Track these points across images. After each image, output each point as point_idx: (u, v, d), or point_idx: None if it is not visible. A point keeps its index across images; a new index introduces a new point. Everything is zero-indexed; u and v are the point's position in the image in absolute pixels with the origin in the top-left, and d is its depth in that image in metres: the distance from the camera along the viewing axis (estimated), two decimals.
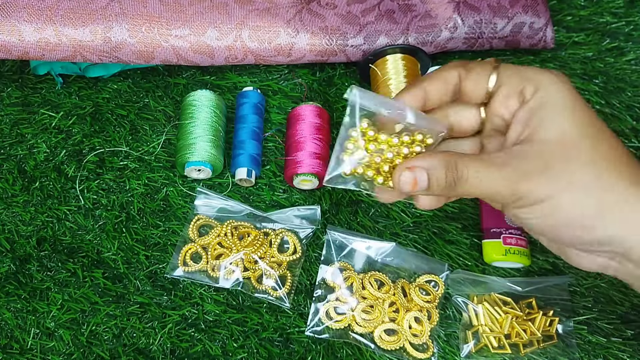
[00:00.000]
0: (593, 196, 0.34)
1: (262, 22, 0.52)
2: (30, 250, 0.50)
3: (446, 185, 0.36)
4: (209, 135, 0.51)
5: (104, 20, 0.50)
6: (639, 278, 0.37)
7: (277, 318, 0.48)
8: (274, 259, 0.49)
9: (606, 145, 0.35)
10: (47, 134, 0.54)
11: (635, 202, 0.34)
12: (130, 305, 0.48)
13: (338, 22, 0.53)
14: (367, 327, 0.47)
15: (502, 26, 0.55)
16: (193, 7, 0.52)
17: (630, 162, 0.35)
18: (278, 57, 0.54)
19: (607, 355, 0.48)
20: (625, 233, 0.35)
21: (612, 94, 0.58)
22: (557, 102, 0.35)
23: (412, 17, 0.54)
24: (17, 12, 0.50)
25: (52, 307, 0.48)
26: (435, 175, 0.36)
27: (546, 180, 0.34)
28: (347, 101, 0.36)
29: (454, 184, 0.35)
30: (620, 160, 0.35)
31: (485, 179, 0.35)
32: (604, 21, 0.62)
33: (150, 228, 0.51)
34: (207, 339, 0.47)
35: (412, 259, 0.50)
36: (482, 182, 0.35)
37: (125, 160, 0.54)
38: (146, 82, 0.57)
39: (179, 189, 0.53)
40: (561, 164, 0.34)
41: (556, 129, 0.35)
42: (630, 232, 0.35)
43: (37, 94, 0.56)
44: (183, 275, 0.49)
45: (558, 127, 0.35)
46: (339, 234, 0.50)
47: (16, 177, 0.53)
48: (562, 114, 0.35)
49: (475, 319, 0.48)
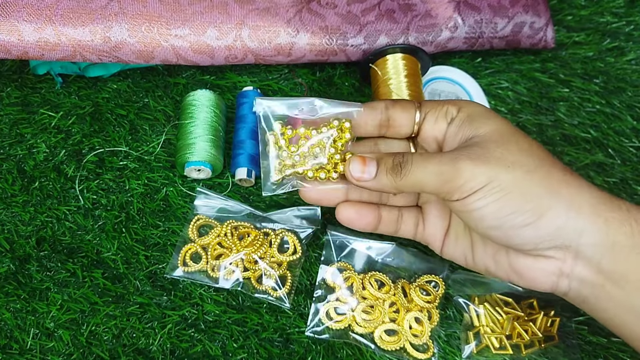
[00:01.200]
0: (536, 177, 0.36)
1: (262, 21, 0.52)
2: (30, 250, 0.50)
3: (393, 168, 0.38)
4: (208, 135, 0.51)
5: (104, 20, 0.50)
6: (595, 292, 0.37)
7: (277, 318, 0.48)
8: (274, 259, 0.49)
9: (534, 142, 0.38)
10: (47, 134, 0.54)
11: (578, 186, 0.36)
12: (130, 305, 0.48)
13: (338, 21, 0.53)
14: (368, 327, 0.47)
15: (503, 26, 0.55)
16: (193, 6, 0.52)
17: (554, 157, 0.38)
18: (278, 56, 0.54)
19: (608, 355, 0.47)
20: (575, 216, 0.35)
21: (613, 93, 0.58)
22: (480, 112, 0.39)
23: (413, 17, 0.54)
24: (17, 12, 0.49)
25: (52, 308, 0.48)
26: (383, 162, 0.39)
27: (488, 162, 0.36)
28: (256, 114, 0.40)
29: (400, 168, 0.38)
30: (548, 153, 0.38)
31: (429, 162, 0.37)
32: (605, 21, 0.62)
33: (150, 228, 0.51)
34: (207, 339, 0.47)
35: (413, 259, 0.50)
36: (427, 166, 0.37)
37: (125, 160, 0.54)
38: (146, 82, 0.57)
39: (179, 189, 0.53)
40: (501, 150, 0.36)
41: (488, 126, 0.38)
42: (580, 215, 0.35)
43: (36, 93, 0.56)
44: (183, 276, 0.49)
45: (490, 125, 0.38)
46: (339, 234, 0.50)
47: (15, 177, 0.53)
48: (488, 118, 0.39)
49: (476, 320, 0.48)
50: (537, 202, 0.35)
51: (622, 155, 0.56)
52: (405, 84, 0.51)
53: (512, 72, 0.59)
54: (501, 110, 0.57)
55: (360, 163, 0.39)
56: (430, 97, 0.56)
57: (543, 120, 0.57)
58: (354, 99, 0.57)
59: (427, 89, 0.57)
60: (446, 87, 0.57)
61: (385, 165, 0.39)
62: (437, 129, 0.41)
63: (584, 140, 0.56)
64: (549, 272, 0.38)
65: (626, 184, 0.55)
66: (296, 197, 0.53)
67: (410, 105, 0.42)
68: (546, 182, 0.36)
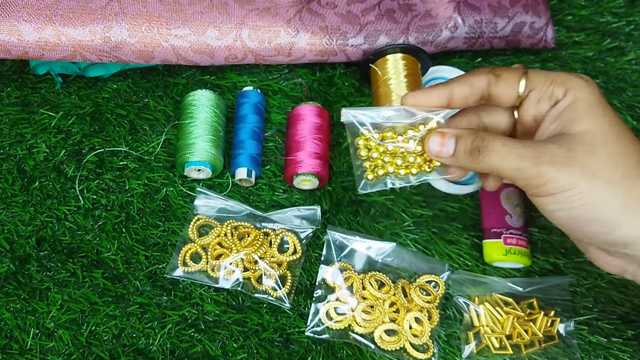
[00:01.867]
0: (618, 191, 0.35)
1: (262, 21, 0.52)
2: (30, 250, 0.50)
3: (471, 151, 0.37)
4: (208, 135, 0.51)
5: (104, 20, 0.50)
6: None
7: (277, 318, 0.48)
8: (274, 259, 0.49)
9: (632, 146, 0.36)
10: (47, 134, 0.54)
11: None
12: (130, 305, 0.48)
13: (338, 21, 0.53)
14: (368, 327, 0.47)
15: (503, 26, 0.55)
16: (193, 6, 0.52)
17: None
18: (278, 56, 0.54)
19: (608, 355, 0.47)
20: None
21: (613, 93, 0.58)
22: (586, 102, 0.37)
23: (413, 17, 0.54)
24: (17, 12, 0.49)
25: (52, 308, 0.48)
26: (462, 141, 0.38)
27: (571, 168, 0.35)
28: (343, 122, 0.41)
29: (477, 153, 0.37)
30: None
31: (510, 153, 0.36)
32: (605, 21, 0.62)
33: (150, 228, 0.51)
34: (207, 339, 0.47)
35: (413, 259, 0.50)
36: (507, 156, 0.36)
37: (125, 160, 0.54)
38: (146, 82, 0.57)
39: (179, 189, 0.52)
40: (588, 156, 0.35)
41: (585, 125, 0.36)
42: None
43: (36, 93, 0.56)
44: (183, 276, 0.49)
45: (587, 124, 0.36)
46: (339, 234, 0.50)
47: (16, 177, 0.53)
48: (590, 113, 0.37)
49: (476, 320, 0.48)
50: (611, 216, 0.35)
51: None
52: (405, 84, 0.51)
53: None
54: None
55: (440, 137, 0.39)
56: None
57: None
58: (354, 99, 0.57)
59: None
60: None
61: (464, 146, 0.38)
62: (538, 109, 0.39)
63: None
64: (614, 265, 0.39)
65: None
66: (296, 198, 0.53)
67: (514, 80, 0.39)
68: (625, 197, 0.35)
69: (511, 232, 0.50)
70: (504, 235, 0.49)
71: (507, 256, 0.49)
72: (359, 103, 0.56)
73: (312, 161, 0.50)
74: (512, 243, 0.49)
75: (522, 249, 0.49)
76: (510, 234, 0.50)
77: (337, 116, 0.56)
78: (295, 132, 0.52)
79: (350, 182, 0.53)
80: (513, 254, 0.49)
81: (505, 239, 0.49)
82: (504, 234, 0.50)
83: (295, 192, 0.53)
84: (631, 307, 0.49)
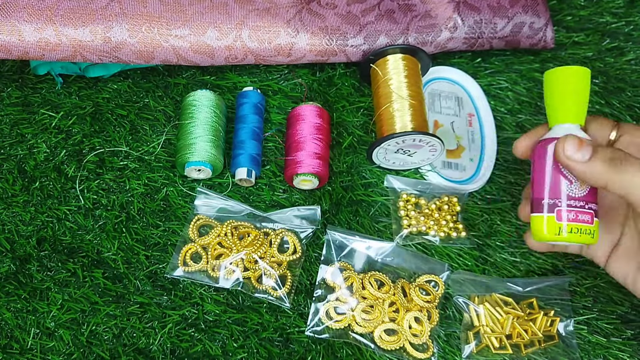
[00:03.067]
0: None
1: (262, 22, 0.52)
2: (30, 250, 0.50)
3: (612, 159, 0.37)
4: (209, 135, 0.51)
5: (104, 20, 0.50)
6: None
7: (277, 318, 0.48)
8: (274, 259, 0.49)
9: None
10: (47, 134, 0.54)
11: None
12: (130, 305, 0.48)
13: (338, 22, 0.53)
14: (367, 327, 0.47)
15: (502, 26, 0.55)
16: (193, 7, 0.52)
17: None
18: (278, 57, 0.54)
19: (607, 355, 0.47)
20: None
21: (612, 94, 0.58)
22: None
23: (412, 17, 0.54)
24: (17, 12, 0.50)
25: (52, 307, 0.48)
26: (601, 150, 0.38)
27: None
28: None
29: (619, 163, 0.37)
30: None
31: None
32: (604, 21, 0.62)
33: (150, 228, 0.51)
34: (207, 339, 0.47)
35: (412, 259, 0.50)
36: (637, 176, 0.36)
37: (125, 160, 0.54)
38: (146, 82, 0.57)
39: (179, 189, 0.53)
40: None
41: None
42: None
43: (37, 94, 0.56)
44: (183, 275, 0.49)
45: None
46: (339, 234, 0.50)
47: (16, 177, 0.53)
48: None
49: (476, 320, 0.48)
50: None
51: None
52: (406, 84, 0.51)
53: (512, 72, 0.59)
54: (500, 110, 0.57)
55: (578, 143, 0.39)
56: (430, 97, 0.56)
57: (542, 120, 0.57)
58: (354, 99, 0.57)
59: (427, 89, 0.57)
60: (446, 87, 0.57)
61: (604, 154, 0.38)
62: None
63: None
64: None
65: None
66: (296, 198, 0.53)
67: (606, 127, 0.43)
68: None
69: (570, 203, 0.40)
70: (558, 209, 0.40)
71: (561, 235, 0.40)
72: (359, 103, 0.57)
73: (312, 161, 0.50)
74: (570, 219, 0.40)
75: (583, 226, 0.39)
76: (569, 207, 0.40)
77: (337, 116, 0.56)
78: (295, 132, 0.52)
79: (350, 182, 0.53)
80: (571, 233, 0.39)
81: (560, 213, 0.40)
82: (558, 206, 0.40)
83: (295, 192, 0.53)
84: (630, 307, 0.50)
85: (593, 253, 0.45)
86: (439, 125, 0.55)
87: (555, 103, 0.42)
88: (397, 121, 0.50)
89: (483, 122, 0.56)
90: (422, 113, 0.51)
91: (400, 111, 0.50)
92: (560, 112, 0.41)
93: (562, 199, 0.40)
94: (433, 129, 0.55)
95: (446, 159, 0.54)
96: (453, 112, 0.56)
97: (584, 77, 0.41)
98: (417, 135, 0.48)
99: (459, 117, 0.56)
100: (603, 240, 0.44)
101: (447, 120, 0.56)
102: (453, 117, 0.56)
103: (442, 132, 0.55)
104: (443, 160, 0.54)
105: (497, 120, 0.57)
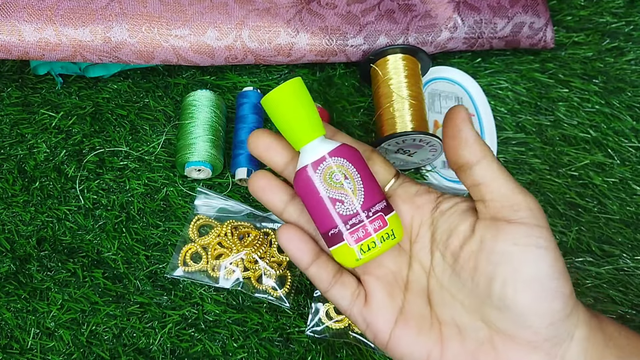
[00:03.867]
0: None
1: (262, 22, 0.52)
2: (30, 250, 0.50)
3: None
4: (209, 135, 0.51)
5: (104, 20, 0.50)
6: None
7: (277, 318, 0.48)
8: (274, 259, 0.49)
9: None
10: (47, 134, 0.54)
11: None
12: (130, 305, 0.48)
13: (338, 22, 0.53)
14: None
15: (502, 26, 0.55)
16: (193, 7, 0.52)
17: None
18: (278, 57, 0.54)
19: None
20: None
21: (612, 94, 0.58)
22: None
23: (412, 17, 0.54)
24: (17, 12, 0.50)
25: (52, 307, 0.48)
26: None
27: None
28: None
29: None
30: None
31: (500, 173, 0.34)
32: (604, 21, 0.62)
33: (150, 228, 0.51)
34: (207, 339, 0.47)
35: None
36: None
37: (125, 160, 0.54)
38: (146, 82, 0.57)
39: (179, 189, 0.53)
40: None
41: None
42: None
43: (37, 94, 0.56)
44: (183, 275, 0.49)
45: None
46: None
47: (16, 177, 0.53)
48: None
49: None
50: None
51: (622, 156, 0.56)
52: (406, 84, 0.51)
53: (512, 73, 0.59)
54: (501, 110, 0.57)
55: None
56: (430, 97, 0.56)
57: (542, 121, 0.57)
58: (354, 99, 0.57)
59: (427, 89, 0.57)
60: (446, 88, 0.57)
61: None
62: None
63: (583, 141, 0.56)
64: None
65: (625, 184, 0.55)
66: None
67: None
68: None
69: (351, 223, 0.34)
70: (342, 236, 0.34)
71: (361, 259, 0.34)
72: (359, 103, 0.57)
73: None
74: (358, 238, 0.34)
75: (377, 235, 0.34)
76: (350, 229, 0.34)
77: (337, 116, 0.56)
78: None
79: None
80: (369, 250, 0.34)
81: (346, 238, 0.34)
82: (341, 233, 0.34)
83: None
84: (631, 307, 0.50)
85: (371, 321, 0.35)
86: (439, 125, 0.55)
87: (289, 127, 0.35)
88: (397, 121, 0.50)
89: (483, 122, 0.56)
90: (422, 113, 0.51)
91: (400, 111, 0.50)
92: (300, 134, 0.35)
93: (338, 224, 0.34)
94: (433, 129, 0.55)
95: (446, 159, 0.54)
96: None
97: (296, 89, 0.35)
98: (417, 135, 0.48)
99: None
100: (383, 306, 0.36)
101: None
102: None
103: (442, 132, 0.55)
104: (443, 160, 0.54)
105: (497, 120, 0.57)
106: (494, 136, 0.55)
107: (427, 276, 0.36)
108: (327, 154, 0.34)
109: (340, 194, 0.34)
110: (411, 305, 0.36)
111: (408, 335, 0.35)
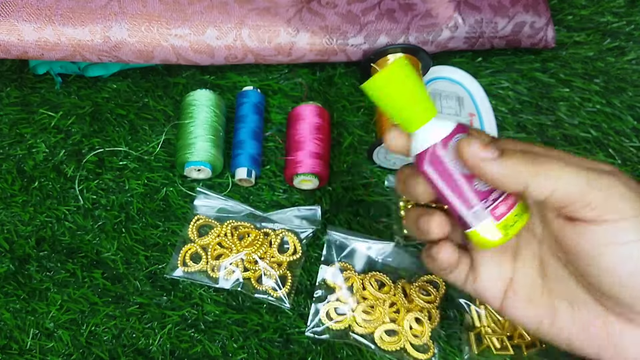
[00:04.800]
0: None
1: (262, 21, 0.52)
2: (30, 250, 0.50)
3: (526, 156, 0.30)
4: (208, 135, 0.51)
5: (104, 20, 0.50)
6: None
7: (277, 318, 0.48)
8: (274, 259, 0.49)
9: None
10: (47, 134, 0.54)
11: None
12: (129, 305, 0.48)
13: (338, 21, 0.53)
14: (368, 327, 0.47)
15: (503, 25, 0.55)
16: (193, 6, 0.52)
17: None
18: (278, 56, 0.54)
19: None
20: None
21: (613, 93, 0.58)
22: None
23: (413, 17, 0.54)
24: (17, 12, 0.49)
25: (52, 308, 0.48)
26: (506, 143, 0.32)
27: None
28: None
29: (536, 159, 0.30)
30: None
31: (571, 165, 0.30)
32: (605, 21, 0.62)
33: (149, 228, 0.51)
34: (206, 339, 0.47)
35: (413, 259, 0.50)
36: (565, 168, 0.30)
37: (125, 160, 0.54)
38: (146, 82, 0.57)
39: (179, 189, 0.52)
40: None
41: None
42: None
43: (36, 93, 0.56)
44: (183, 276, 0.49)
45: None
46: (339, 235, 0.50)
47: (15, 177, 0.53)
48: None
49: (477, 320, 0.48)
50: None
51: (623, 155, 0.56)
52: None
53: (513, 72, 0.59)
54: (501, 110, 0.57)
55: (480, 142, 0.30)
56: (431, 96, 0.56)
57: (543, 120, 0.57)
58: (354, 98, 0.57)
59: (428, 89, 0.57)
60: (447, 87, 0.57)
61: (515, 148, 0.31)
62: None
63: (584, 140, 0.56)
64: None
65: None
66: (296, 198, 0.52)
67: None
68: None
69: (492, 198, 0.32)
70: (489, 209, 0.32)
71: (506, 235, 0.33)
72: (359, 103, 0.56)
73: (312, 161, 0.50)
74: (504, 212, 0.32)
75: (517, 211, 0.33)
76: (493, 204, 0.32)
77: (337, 116, 0.56)
78: (295, 132, 0.52)
79: (350, 182, 0.53)
80: (513, 226, 0.33)
81: (493, 211, 0.32)
82: (489, 207, 0.32)
83: (295, 192, 0.53)
84: None
85: (482, 293, 0.36)
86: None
87: (404, 108, 0.32)
88: None
89: (484, 122, 0.56)
90: None
91: None
92: (418, 114, 0.32)
93: (478, 203, 0.32)
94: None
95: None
96: (454, 112, 0.56)
97: (406, 68, 0.31)
98: None
99: (460, 117, 0.56)
100: (491, 277, 0.35)
101: None
102: (454, 116, 0.56)
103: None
104: None
105: (498, 120, 0.57)
106: (495, 136, 0.55)
107: (539, 244, 0.34)
108: (453, 130, 0.32)
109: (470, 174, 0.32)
110: (520, 275, 0.35)
111: (518, 305, 0.35)
